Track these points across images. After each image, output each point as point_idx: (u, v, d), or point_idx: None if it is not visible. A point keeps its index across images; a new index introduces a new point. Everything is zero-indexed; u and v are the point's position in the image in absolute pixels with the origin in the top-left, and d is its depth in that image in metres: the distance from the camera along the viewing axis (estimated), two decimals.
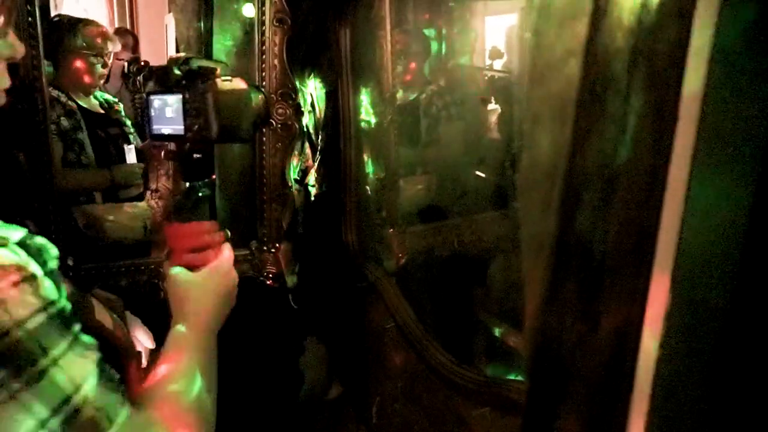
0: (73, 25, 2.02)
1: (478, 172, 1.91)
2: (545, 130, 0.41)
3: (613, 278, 0.48)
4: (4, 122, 1.44)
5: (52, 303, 0.50)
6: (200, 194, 0.89)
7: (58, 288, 0.54)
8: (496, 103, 2.07)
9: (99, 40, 2.02)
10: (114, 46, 2.12)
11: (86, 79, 2.06)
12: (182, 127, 0.87)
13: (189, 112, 0.85)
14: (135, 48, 3.08)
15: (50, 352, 0.45)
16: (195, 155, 0.89)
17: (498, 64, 2.68)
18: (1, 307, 0.45)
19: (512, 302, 1.63)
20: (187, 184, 0.89)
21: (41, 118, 1.49)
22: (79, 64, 2.04)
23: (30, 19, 1.43)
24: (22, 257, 0.51)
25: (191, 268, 0.85)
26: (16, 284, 0.47)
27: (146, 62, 2.71)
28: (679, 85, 0.43)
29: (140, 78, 2.65)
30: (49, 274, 0.55)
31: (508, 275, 1.78)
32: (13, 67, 1.51)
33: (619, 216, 0.48)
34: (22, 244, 0.54)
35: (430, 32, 2.06)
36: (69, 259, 1.61)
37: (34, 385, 0.43)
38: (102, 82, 2.16)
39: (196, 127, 0.86)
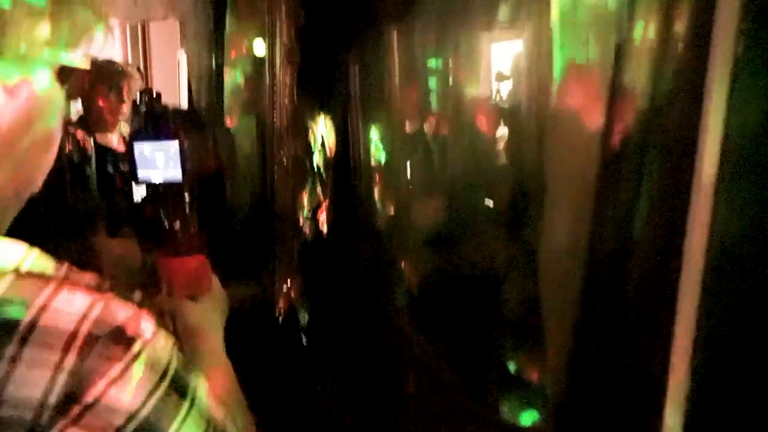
0: (95, 65, 2.07)
1: (487, 200, 1.91)
2: (565, 209, 0.41)
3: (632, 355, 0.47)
4: None
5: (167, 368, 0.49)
6: (191, 230, 0.92)
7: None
8: (504, 126, 2.07)
9: (121, 80, 2.07)
10: (136, 85, 2.16)
11: (108, 116, 2.11)
12: (179, 171, 0.89)
13: (188, 157, 0.88)
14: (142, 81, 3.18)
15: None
16: (188, 195, 0.93)
17: (504, 86, 2.68)
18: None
19: (528, 333, 1.61)
20: (178, 223, 0.92)
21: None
22: (101, 102, 2.09)
23: None
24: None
25: (194, 298, 0.89)
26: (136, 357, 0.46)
27: (159, 93, 2.77)
28: (692, 163, 0.43)
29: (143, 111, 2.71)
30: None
31: (523, 304, 1.76)
32: None
33: (638, 290, 0.47)
34: None
35: (437, 62, 2.08)
36: None
37: None
38: (123, 119, 2.21)
39: (195, 171, 0.89)
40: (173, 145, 0.82)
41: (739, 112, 0.40)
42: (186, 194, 0.87)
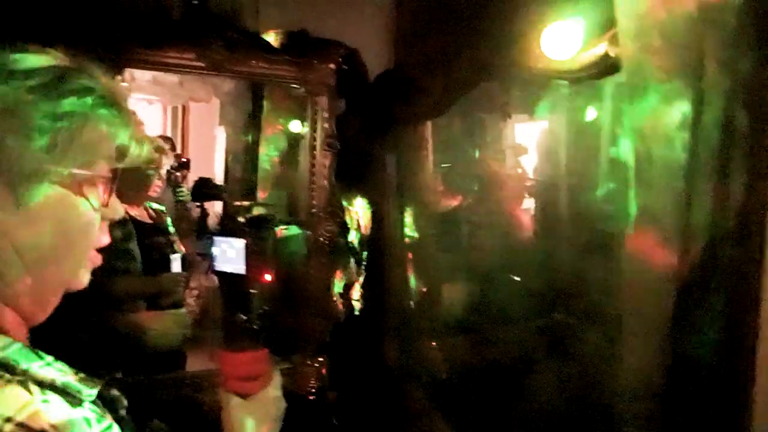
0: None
1: (514, 277, 1.92)
2: (642, 345, 0.43)
3: None
4: None
5: None
6: (254, 324, 0.92)
7: None
8: (530, 201, 2.11)
9: (159, 156, 2.14)
10: (169, 162, 2.24)
11: (138, 191, 2.15)
12: (243, 266, 0.93)
13: (251, 255, 0.92)
14: (173, 150, 3.31)
15: None
16: (251, 290, 0.95)
17: (524, 160, 2.75)
18: None
19: (558, 418, 1.57)
20: (243, 316, 0.93)
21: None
22: (132, 178, 2.13)
23: None
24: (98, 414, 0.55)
25: (245, 395, 0.88)
26: None
27: (188, 159, 2.88)
28: (759, 297, 0.45)
29: (179, 174, 2.80)
30: (119, 421, 0.59)
31: (554, 390, 1.73)
32: None
33: (711, 412, 0.49)
34: (99, 395, 0.58)
35: (466, 143, 2.16)
36: (117, 372, 1.63)
37: None
38: (155, 193, 2.25)
39: (257, 268, 0.92)
40: (242, 243, 0.87)
41: None
42: (251, 290, 0.89)
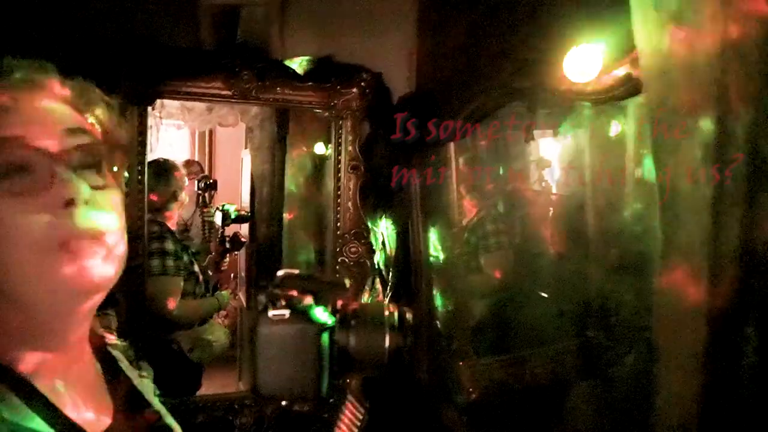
0: (173, 170, 2.16)
1: (541, 293, 1.91)
2: (678, 376, 0.44)
3: None
4: None
5: None
6: None
7: None
8: (553, 219, 2.10)
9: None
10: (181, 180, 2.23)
11: (175, 220, 2.20)
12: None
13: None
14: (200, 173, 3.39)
15: None
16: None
17: (546, 173, 2.73)
18: None
19: None
20: None
21: (140, 262, 1.63)
22: (174, 207, 2.14)
23: (139, 168, 1.59)
24: None
25: None
26: None
27: (215, 180, 2.93)
28: None
29: (207, 194, 2.86)
30: None
31: (585, 408, 1.70)
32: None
33: None
34: None
35: (489, 159, 2.17)
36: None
37: None
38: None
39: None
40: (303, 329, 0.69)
41: None
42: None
